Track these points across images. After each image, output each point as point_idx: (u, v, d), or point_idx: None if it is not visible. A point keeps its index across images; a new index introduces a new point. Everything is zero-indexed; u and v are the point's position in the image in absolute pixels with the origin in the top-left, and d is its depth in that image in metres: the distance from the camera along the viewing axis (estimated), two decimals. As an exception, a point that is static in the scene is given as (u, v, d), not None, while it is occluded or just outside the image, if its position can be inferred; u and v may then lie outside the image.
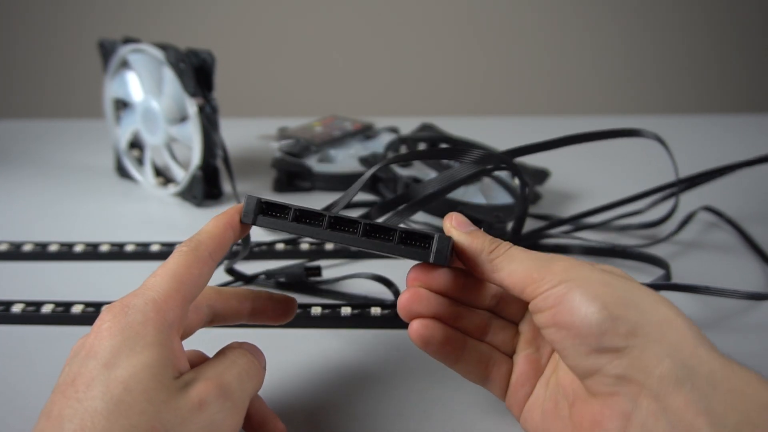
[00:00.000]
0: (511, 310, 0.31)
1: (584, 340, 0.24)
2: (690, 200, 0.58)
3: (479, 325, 0.30)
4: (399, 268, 0.42)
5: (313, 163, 0.60)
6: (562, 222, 0.50)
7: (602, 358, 0.24)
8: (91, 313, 0.39)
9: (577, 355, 0.25)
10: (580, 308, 0.24)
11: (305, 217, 0.28)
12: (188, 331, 0.28)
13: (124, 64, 0.58)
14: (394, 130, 0.69)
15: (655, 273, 0.46)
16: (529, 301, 0.26)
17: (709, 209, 0.56)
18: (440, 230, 0.30)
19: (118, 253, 0.48)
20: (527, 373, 0.29)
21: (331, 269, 0.47)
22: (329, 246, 0.48)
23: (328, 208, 0.32)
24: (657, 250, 0.49)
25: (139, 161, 0.62)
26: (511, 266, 0.27)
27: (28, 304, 0.40)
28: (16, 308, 0.40)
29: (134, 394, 0.22)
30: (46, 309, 0.40)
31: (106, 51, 0.59)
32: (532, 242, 0.49)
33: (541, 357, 0.30)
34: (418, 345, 0.28)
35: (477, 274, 0.28)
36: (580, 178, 0.65)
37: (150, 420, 0.21)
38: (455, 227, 0.29)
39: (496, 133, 0.74)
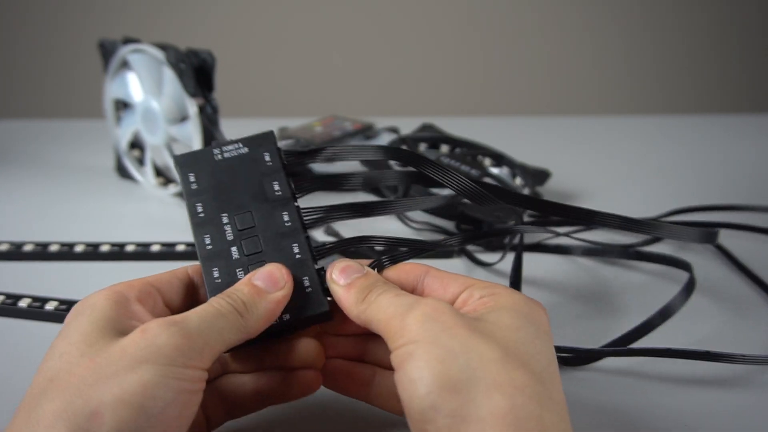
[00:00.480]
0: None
1: (411, 420, 0.22)
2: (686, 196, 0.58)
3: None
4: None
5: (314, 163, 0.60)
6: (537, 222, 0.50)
7: None
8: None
9: (412, 423, 0.22)
10: (409, 386, 0.22)
11: None
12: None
13: (124, 65, 0.58)
14: (394, 130, 0.69)
15: (679, 278, 0.46)
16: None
17: (718, 247, 0.49)
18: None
19: (118, 253, 0.48)
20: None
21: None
22: None
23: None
24: (656, 248, 0.49)
25: (140, 161, 0.62)
26: (379, 316, 0.25)
27: (34, 299, 0.41)
28: (23, 303, 0.40)
29: (73, 339, 0.23)
30: (50, 306, 0.40)
31: (106, 51, 0.59)
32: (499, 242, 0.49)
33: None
34: (324, 385, 0.28)
35: (360, 329, 0.27)
36: (580, 179, 0.65)
37: (87, 355, 0.22)
38: (334, 281, 0.27)
39: (496, 133, 0.74)
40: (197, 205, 0.29)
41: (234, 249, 0.28)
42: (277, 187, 0.29)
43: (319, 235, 0.52)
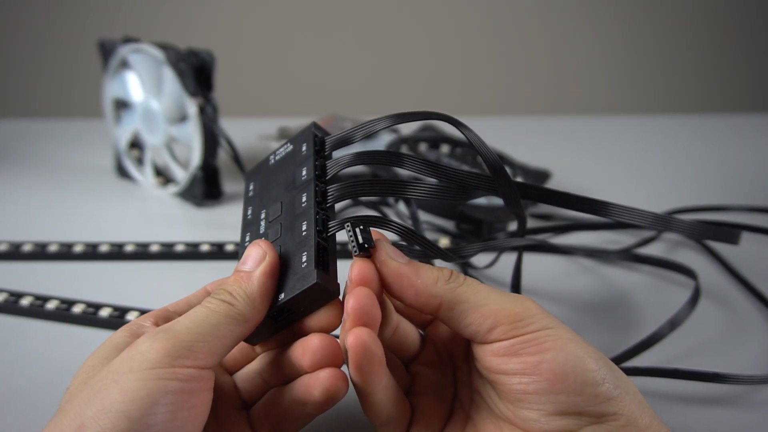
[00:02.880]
0: (406, 346, 0.28)
1: (570, 397, 0.22)
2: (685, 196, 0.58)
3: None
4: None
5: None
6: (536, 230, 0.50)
7: (579, 419, 0.22)
8: (90, 314, 0.39)
9: (550, 410, 0.22)
10: (577, 362, 0.22)
11: None
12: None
13: (124, 64, 0.58)
14: (393, 130, 0.68)
15: (678, 281, 0.46)
16: (497, 341, 0.23)
17: (701, 244, 0.50)
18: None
19: (117, 253, 0.48)
20: (431, 416, 0.26)
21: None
22: None
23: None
24: (650, 249, 0.49)
25: (139, 161, 0.62)
26: (478, 298, 0.24)
27: (36, 297, 0.41)
28: (25, 301, 0.40)
29: (78, 377, 0.23)
30: (51, 305, 0.40)
31: (106, 51, 0.59)
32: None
33: (443, 402, 0.27)
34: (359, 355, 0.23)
35: (423, 309, 0.25)
36: (580, 179, 0.65)
37: (83, 381, 0.23)
38: (392, 258, 0.25)
39: (497, 133, 0.74)
40: (248, 209, 0.30)
41: None
42: (304, 173, 0.28)
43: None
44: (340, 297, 0.25)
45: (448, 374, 0.28)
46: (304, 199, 0.27)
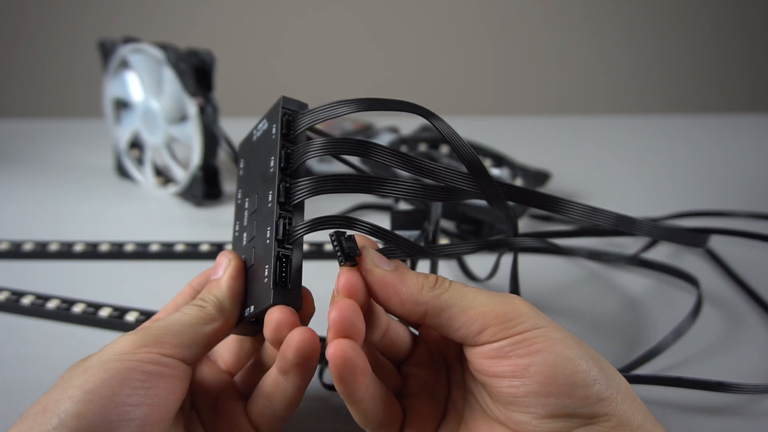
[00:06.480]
0: (397, 347, 0.27)
1: (561, 400, 0.22)
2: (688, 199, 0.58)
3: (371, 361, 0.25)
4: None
5: (313, 163, 0.60)
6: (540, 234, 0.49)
7: (571, 421, 0.22)
8: (90, 314, 0.39)
9: (541, 413, 0.22)
10: (566, 364, 0.22)
11: None
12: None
13: (124, 64, 0.58)
14: (394, 130, 0.68)
15: (680, 286, 0.46)
16: (487, 343, 0.23)
17: (709, 252, 0.50)
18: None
19: (117, 252, 0.48)
20: (424, 418, 0.26)
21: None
22: None
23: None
24: (652, 253, 0.49)
25: (139, 161, 0.62)
26: (465, 301, 0.24)
27: (37, 296, 0.41)
28: (26, 300, 0.40)
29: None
30: (51, 305, 0.40)
31: (106, 51, 0.59)
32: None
33: (436, 403, 0.27)
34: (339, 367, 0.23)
35: (409, 317, 0.24)
36: (581, 179, 0.65)
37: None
38: (377, 265, 0.24)
39: (497, 134, 0.74)
40: (239, 191, 0.30)
41: (245, 235, 0.28)
42: (272, 163, 0.26)
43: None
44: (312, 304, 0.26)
45: (441, 375, 0.28)
46: (270, 197, 0.26)
